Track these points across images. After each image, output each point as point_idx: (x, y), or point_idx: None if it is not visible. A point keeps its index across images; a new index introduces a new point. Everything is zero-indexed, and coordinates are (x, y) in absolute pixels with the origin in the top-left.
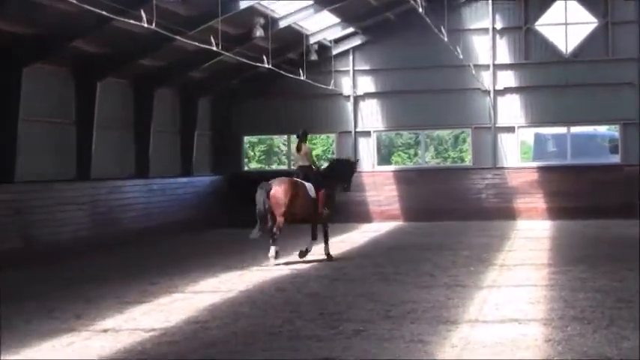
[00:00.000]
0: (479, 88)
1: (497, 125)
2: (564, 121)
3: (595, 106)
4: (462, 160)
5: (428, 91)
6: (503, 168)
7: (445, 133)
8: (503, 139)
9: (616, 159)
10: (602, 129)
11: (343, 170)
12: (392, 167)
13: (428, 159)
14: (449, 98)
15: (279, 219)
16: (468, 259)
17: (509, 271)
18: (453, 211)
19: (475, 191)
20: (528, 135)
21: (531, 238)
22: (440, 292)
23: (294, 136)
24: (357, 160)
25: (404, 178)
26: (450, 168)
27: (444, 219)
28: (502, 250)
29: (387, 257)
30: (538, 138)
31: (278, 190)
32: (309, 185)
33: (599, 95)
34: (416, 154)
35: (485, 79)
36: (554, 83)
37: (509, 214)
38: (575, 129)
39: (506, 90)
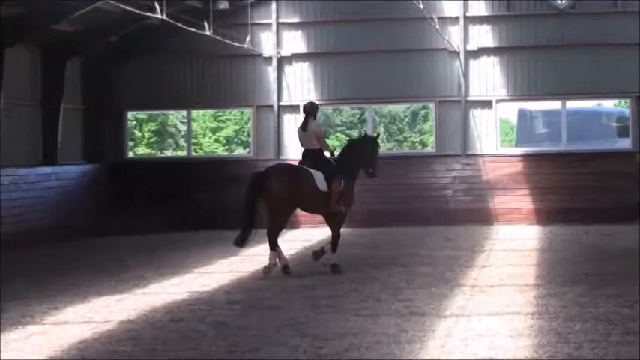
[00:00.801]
0: (445, 49)
1: (469, 98)
2: (558, 93)
3: (599, 73)
4: (423, 144)
5: (377, 52)
6: (476, 156)
7: (400, 109)
8: (477, 116)
9: (626, 144)
10: (608, 104)
11: (364, 151)
12: (328, 154)
13: None
14: (405, 62)
15: (280, 220)
16: (428, 278)
17: (482, 294)
18: (408, 214)
19: (439, 187)
20: (510, 111)
21: (513, 250)
22: (389, 321)
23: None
24: (378, 135)
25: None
26: (407, 155)
27: (396, 224)
28: (474, 265)
29: (319, 275)
30: (523, 115)
31: (277, 181)
32: (318, 175)
33: (605, 59)
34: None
35: (454, 36)
36: (545, 43)
37: (483, 217)
38: (573, 104)
39: (482, 51)
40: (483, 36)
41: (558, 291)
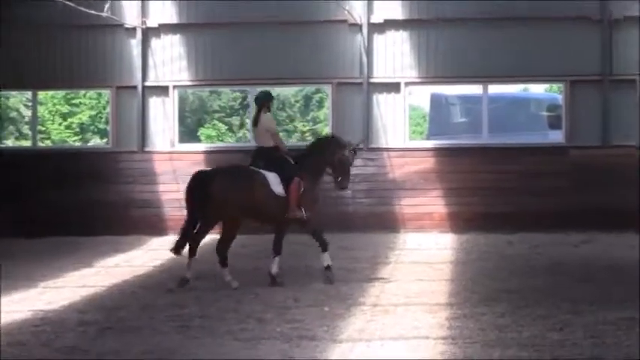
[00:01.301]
0: (345, 21)
1: (372, 80)
2: (479, 75)
3: (528, 52)
4: (315, 133)
5: (262, 23)
6: (380, 150)
7: (290, 92)
8: (383, 102)
9: (558, 136)
10: (537, 89)
11: (331, 155)
12: (202, 146)
13: None
14: (297, 36)
15: (229, 228)
16: (321, 295)
17: (386, 315)
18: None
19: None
20: (422, 96)
21: (423, 263)
22: (273, 347)
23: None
24: (356, 146)
25: (222, 164)
26: (297, 148)
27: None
28: (375, 279)
29: (189, 292)
30: (437, 101)
31: (222, 183)
32: (272, 176)
33: (535, 36)
34: (242, 126)
35: (356, 6)
36: (466, 15)
37: (388, 223)
38: (496, 88)
39: (389, 24)
40: (391, 6)
41: (475, 311)
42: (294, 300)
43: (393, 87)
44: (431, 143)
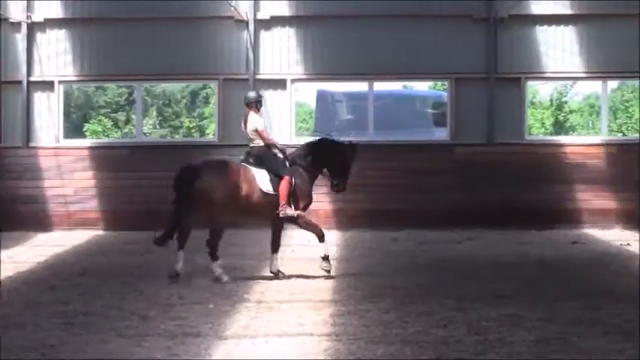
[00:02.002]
0: (231, 17)
1: (259, 77)
2: (365, 72)
3: (414, 50)
4: (203, 131)
5: (149, 19)
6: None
7: (177, 88)
8: (269, 98)
9: (443, 134)
10: (423, 87)
11: (329, 156)
12: (87, 141)
13: (147, 129)
14: (184, 32)
15: (217, 227)
16: (206, 292)
17: (271, 312)
18: None
19: None
20: (309, 93)
21: (308, 259)
22: (157, 344)
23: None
24: (356, 145)
25: (108, 160)
26: (182, 144)
27: None
28: (261, 277)
29: (75, 288)
30: (323, 98)
31: (209, 179)
32: (260, 172)
33: (422, 33)
34: (128, 121)
35: (242, 3)
36: (352, 12)
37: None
38: (382, 85)
39: (275, 21)
40: (277, 2)
41: (360, 308)
42: (179, 297)
43: (280, 83)
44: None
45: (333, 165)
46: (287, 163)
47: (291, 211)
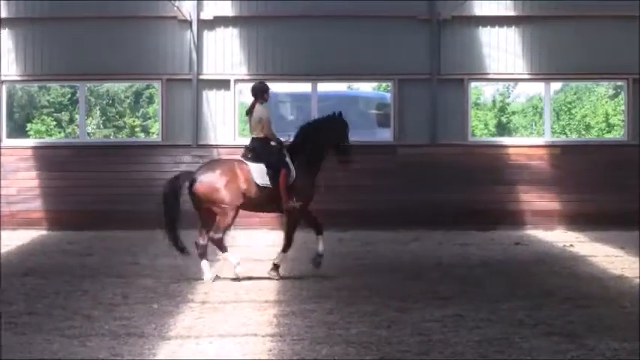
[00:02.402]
0: (175, 17)
1: (202, 77)
2: (309, 73)
3: (358, 51)
4: (147, 131)
5: (93, 19)
6: (210, 146)
7: (120, 88)
8: (213, 99)
9: (386, 135)
10: (366, 87)
11: (326, 140)
12: (31, 141)
13: (91, 129)
14: (127, 32)
15: (222, 222)
16: (150, 293)
17: (215, 312)
18: (129, 215)
19: (164, 183)
20: None
21: (253, 260)
22: (102, 344)
23: None
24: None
25: (51, 160)
26: (126, 144)
27: (114, 227)
28: (205, 277)
29: (18, 288)
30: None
31: (206, 179)
32: (259, 168)
33: (365, 34)
34: (72, 121)
35: (186, 3)
36: (296, 13)
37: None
38: (326, 86)
39: (218, 21)
40: (220, 2)
41: (304, 308)
42: (123, 297)
43: (223, 84)
44: None
45: (329, 143)
46: (285, 156)
47: (292, 204)
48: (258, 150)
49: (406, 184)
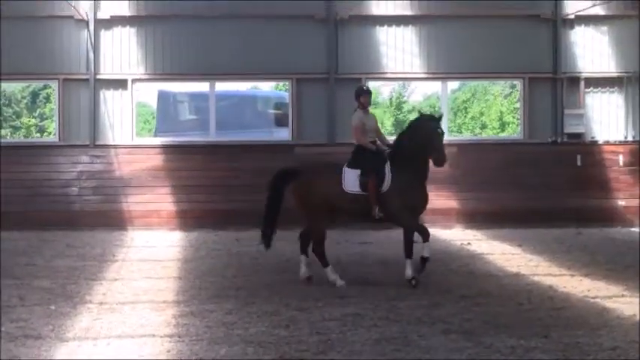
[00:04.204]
0: (71, 17)
1: (99, 77)
2: (207, 73)
3: (256, 50)
4: (43, 131)
5: None
6: (108, 147)
7: (17, 88)
8: (110, 99)
9: (284, 134)
10: (265, 87)
11: (417, 136)
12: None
13: None
14: (23, 31)
15: (314, 228)
16: (47, 294)
17: (112, 313)
18: (25, 216)
19: (62, 184)
20: (150, 94)
21: (151, 260)
22: None
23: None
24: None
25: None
26: (23, 145)
27: (10, 227)
28: (103, 278)
29: None
30: (165, 99)
31: (300, 181)
32: (351, 173)
33: (263, 34)
34: None
35: (82, 2)
36: (194, 13)
37: (116, 220)
38: (225, 86)
39: (115, 20)
40: (117, 2)
41: (203, 309)
42: (20, 298)
43: (120, 84)
44: (159, 140)
45: (423, 146)
46: (381, 163)
47: (376, 213)
48: (354, 156)
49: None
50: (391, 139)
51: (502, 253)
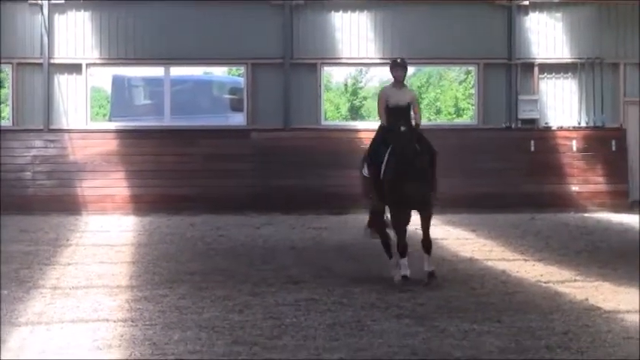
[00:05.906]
0: (25, 0)
1: (53, 61)
2: (162, 57)
3: (210, 35)
4: None
5: None
6: (62, 131)
7: None
8: (64, 83)
9: (240, 119)
10: (220, 72)
11: None
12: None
13: None
14: None
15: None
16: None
17: (66, 298)
18: None
19: (15, 168)
20: (105, 78)
21: (105, 245)
22: None
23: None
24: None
25: None
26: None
27: None
28: (56, 263)
29: None
30: (119, 83)
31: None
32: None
33: (218, 18)
34: None
35: None
36: None
37: (69, 205)
38: (180, 71)
39: (70, 5)
40: None
41: (156, 293)
42: None
43: (75, 68)
44: (113, 125)
45: None
46: (386, 148)
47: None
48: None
49: (259, 168)
50: (347, 123)
51: (456, 238)
